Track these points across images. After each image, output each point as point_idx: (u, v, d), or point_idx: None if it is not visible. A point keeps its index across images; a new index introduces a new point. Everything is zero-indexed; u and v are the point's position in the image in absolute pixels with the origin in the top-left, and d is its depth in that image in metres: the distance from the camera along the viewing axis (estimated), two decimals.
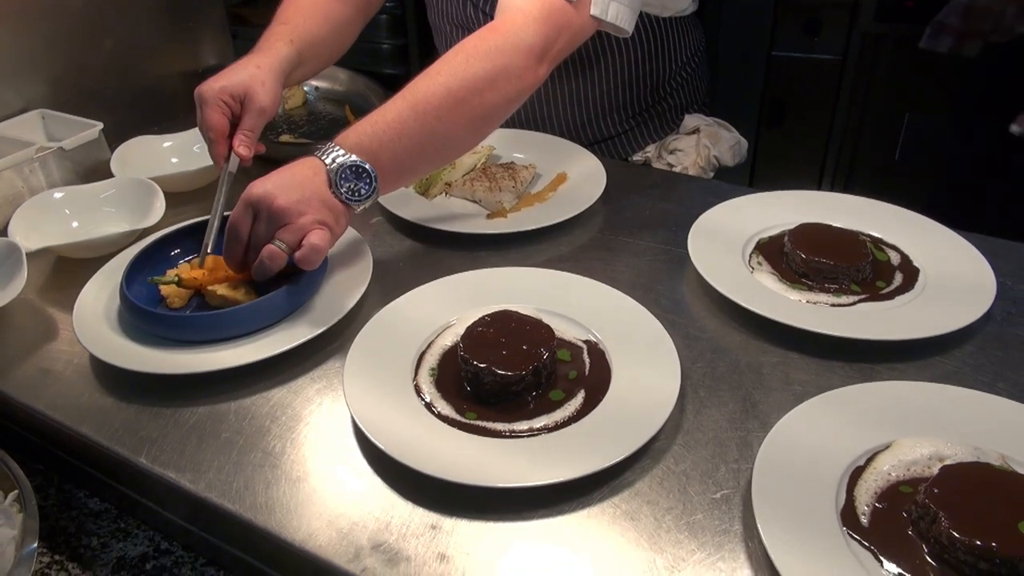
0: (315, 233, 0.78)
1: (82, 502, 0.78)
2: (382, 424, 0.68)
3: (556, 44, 0.90)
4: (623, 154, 1.25)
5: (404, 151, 0.83)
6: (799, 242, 0.86)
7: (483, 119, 0.88)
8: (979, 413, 0.67)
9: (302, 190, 0.79)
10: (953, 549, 0.55)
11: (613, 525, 0.61)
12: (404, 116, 0.83)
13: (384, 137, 0.82)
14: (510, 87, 0.87)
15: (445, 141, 0.87)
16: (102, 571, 0.71)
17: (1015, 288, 0.84)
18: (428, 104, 0.83)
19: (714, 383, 0.74)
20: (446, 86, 0.84)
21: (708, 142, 1.16)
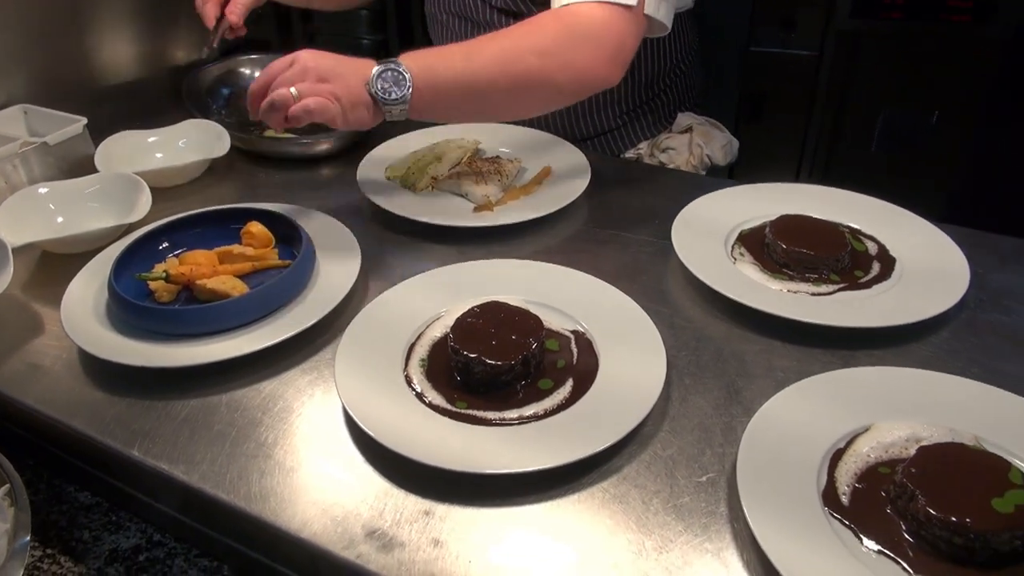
0: (317, 99, 0.86)
1: (73, 496, 0.78)
2: (374, 414, 0.69)
3: (627, 48, 0.95)
4: (616, 150, 1.26)
5: (443, 80, 0.91)
6: (780, 233, 0.88)
7: (526, 89, 0.93)
8: (954, 396, 0.69)
9: (339, 66, 0.89)
10: (929, 525, 0.57)
11: (602, 509, 0.63)
12: (457, 55, 0.91)
13: (434, 66, 0.90)
14: (567, 74, 0.93)
15: (481, 96, 0.93)
16: (94, 563, 0.71)
17: (988, 276, 0.86)
18: (481, 54, 0.91)
19: (699, 371, 0.76)
20: (500, 47, 0.91)
21: (701, 141, 1.18)
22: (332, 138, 1.17)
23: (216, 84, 1.34)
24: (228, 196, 1.10)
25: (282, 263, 0.90)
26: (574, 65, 0.93)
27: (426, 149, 1.10)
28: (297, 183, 1.13)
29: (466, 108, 0.98)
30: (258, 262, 0.89)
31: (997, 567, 0.55)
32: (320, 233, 0.92)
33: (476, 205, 1.00)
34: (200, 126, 1.16)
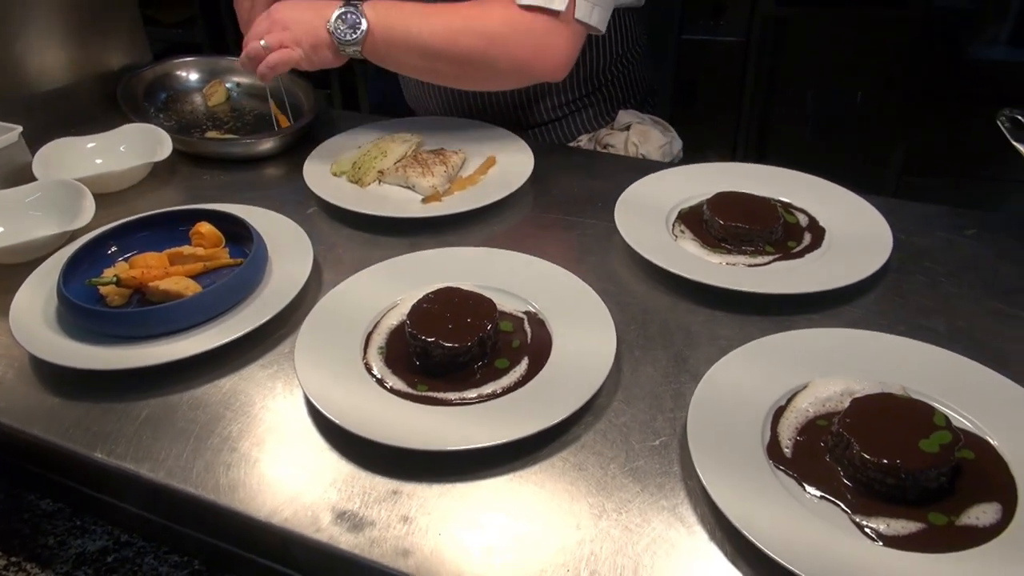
0: (279, 54, 1.02)
1: (34, 504, 0.78)
2: (337, 401, 0.70)
3: (563, 51, 1.04)
4: (557, 142, 1.29)
5: (396, 37, 1.02)
6: (717, 210, 0.92)
7: (470, 65, 1.03)
8: (882, 352, 0.74)
9: (304, 13, 1.03)
10: (865, 469, 0.61)
11: (563, 477, 0.66)
12: (413, 16, 1.02)
13: (391, 20, 1.02)
14: (508, 63, 1.03)
15: (428, 59, 1.03)
16: (62, 568, 0.72)
17: (908, 241, 0.92)
18: (435, 21, 1.01)
19: (647, 342, 0.80)
20: (451, 21, 1.01)
21: (637, 140, 1.21)
22: (274, 138, 1.17)
23: (152, 88, 1.33)
24: (172, 199, 1.09)
25: (234, 262, 0.91)
26: (515, 56, 1.02)
27: (371, 145, 1.11)
28: (241, 183, 1.13)
29: (415, 66, 1.07)
30: (209, 262, 0.89)
31: (926, 503, 0.60)
32: (270, 230, 0.93)
33: (424, 197, 1.02)
34: (139, 130, 1.15)
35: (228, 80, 1.37)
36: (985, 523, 0.59)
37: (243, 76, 1.36)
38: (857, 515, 0.60)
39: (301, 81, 1.28)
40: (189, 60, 1.37)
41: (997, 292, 0.85)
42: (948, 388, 0.69)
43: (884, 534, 0.58)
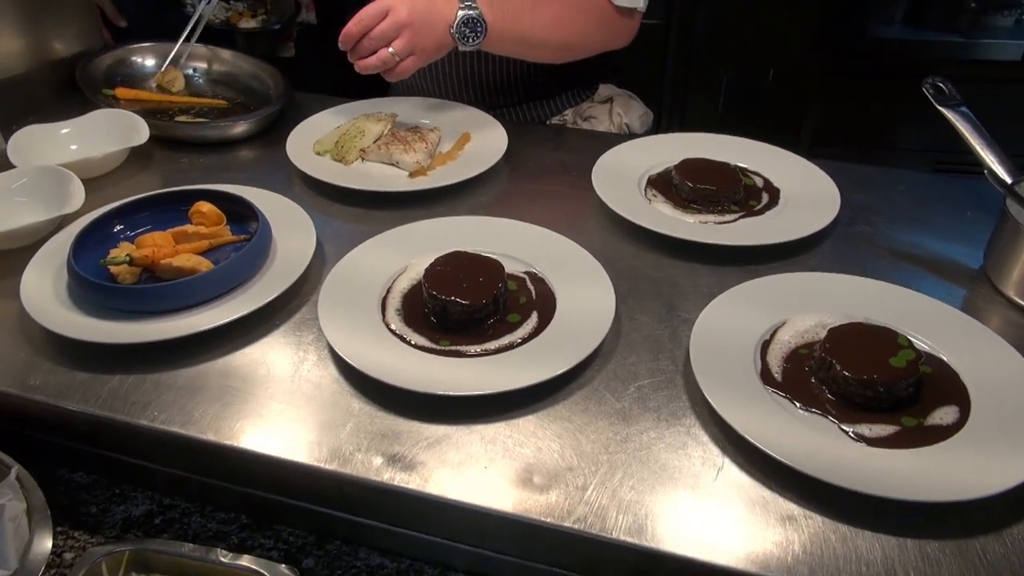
0: (411, 62, 1.06)
1: (67, 478, 0.80)
2: (369, 359, 0.76)
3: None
4: (541, 117, 1.35)
5: (511, 32, 1.11)
6: (685, 174, 1.01)
7: (563, 51, 1.19)
8: (844, 289, 0.85)
9: (430, 15, 1.05)
10: (846, 385, 0.71)
11: (585, 412, 0.74)
12: (524, 11, 1.11)
13: (506, 21, 1.09)
14: (592, 49, 1.20)
15: (536, 46, 1.16)
16: (111, 532, 0.75)
17: (852, 198, 1.04)
18: (542, 17, 1.12)
19: (638, 294, 0.88)
20: (557, 12, 1.12)
21: (620, 110, 1.30)
22: (248, 121, 1.19)
23: (110, 72, 1.32)
24: (154, 182, 1.11)
25: (237, 238, 0.94)
26: (603, 41, 1.21)
27: (349, 124, 1.15)
28: (221, 165, 1.15)
29: (517, 52, 1.18)
30: (214, 239, 0.92)
31: (899, 409, 0.71)
32: (266, 208, 0.96)
33: (411, 172, 1.07)
34: (113, 115, 1.15)
35: (187, 66, 1.37)
36: (947, 422, 0.70)
37: (201, 61, 1.37)
38: (843, 423, 0.70)
39: (269, 67, 1.30)
40: (146, 46, 1.36)
41: (928, 236, 0.98)
42: (903, 316, 0.81)
43: (867, 436, 0.69)
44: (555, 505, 0.65)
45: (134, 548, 0.68)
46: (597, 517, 0.64)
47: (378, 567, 0.72)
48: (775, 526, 0.63)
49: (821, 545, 0.62)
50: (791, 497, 0.65)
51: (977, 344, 0.78)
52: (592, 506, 0.65)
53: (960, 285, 0.90)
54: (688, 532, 0.63)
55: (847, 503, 0.64)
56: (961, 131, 0.94)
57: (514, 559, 0.69)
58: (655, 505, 0.65)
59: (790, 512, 0.64)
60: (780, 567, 0.60)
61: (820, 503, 0.64)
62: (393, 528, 0.71)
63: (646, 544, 0.63)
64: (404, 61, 1.05)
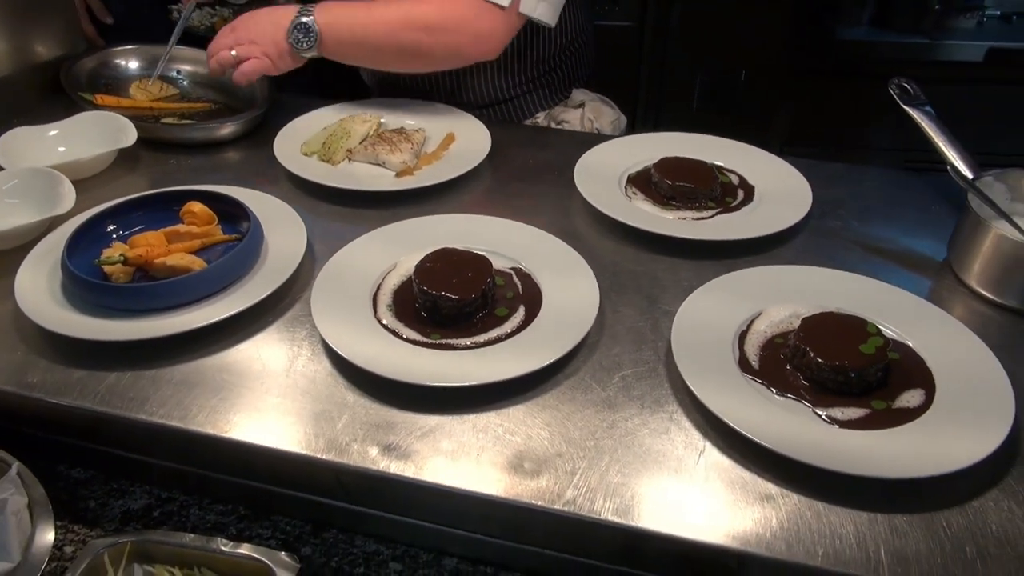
0: (251, 62, 1.16)
1: (65, 474, 0.81)
2: (363, 353, 0.78)
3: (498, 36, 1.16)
4: (515, 119, 1.38)
5: (345, 38, 1.15)
6: (664, 172, 1.05)
7: (410, 55, 1.16)
8: (817, 281, 0.89)
9: (266, 27, 1.16)
10: (819, 371, 0.75)
11: (573, 401, 0.77)
12: (358, 18, 1.14)
13: (339, 24, 1.14)
14: (446, 50, 1.15)
15: (374, 53, 1.18)
16: (110, 526, 0.76)
17: (823, 193, 1.08)
18: (377, 21, 1.13)
19: (620, 288, 0.91)
20: (394, 17, 1.13)
21: (592, 115, 1.33)
22: (235, 122, 1.21)
23: (94, 75, 1.33)
24: (142, 184, 1.12)
25: (228, 237, 0.96)
26: (451, 44, 1.15)
27: (335, 126, 1.18)
28: (208, 167, 1.17)
29: (364, 59, 1.23)
30: (206, 238, 0.94)
31: (869, 393, 0.75)
32: (258, 207, 0.98)
33: (397, 172, 1.10)
34: (100, 117, 1.16)
35: (171, 68, 1.38)
36: (914, 404, 0.74)
37: (187, 64, 1.38)
38: (817, 407, 0.74)
39: None
40: (129, 48, 1.37)
41: (895, 230, 1.02)
42: (872, 306, 0.85)
43: (839, 419, 0.73)
44: (545, 489, 0.68)
45: (135, 539, 0.70)
46: (586, 500, 0.67)
47: (374, 553, 0.74)
48: (754, 504, 0.67)
49: (798, 521, 0.65)
50: (769, 477, 0.69)
51: (941, 331, 0.82)
52: (581, 489, 0.68)
53: (925, 276, 0.94)
54: (672, 512, 0.66)
55: (821, 482, 0.67)
56: (925, 129, 0.98)
57: (506, 542, 0.72)
58: (640, 487, 0.68)
59: (768, 491, 0.68)
60: (759, 543, 0.64)
61: (796, 482, 0.68)
62: (389, 515, 0.74)
63: (633, 524, 0.66)
64: (246, 63, 1.16)
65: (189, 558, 0.70)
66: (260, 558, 0.68)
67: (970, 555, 0.63)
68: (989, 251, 0.89)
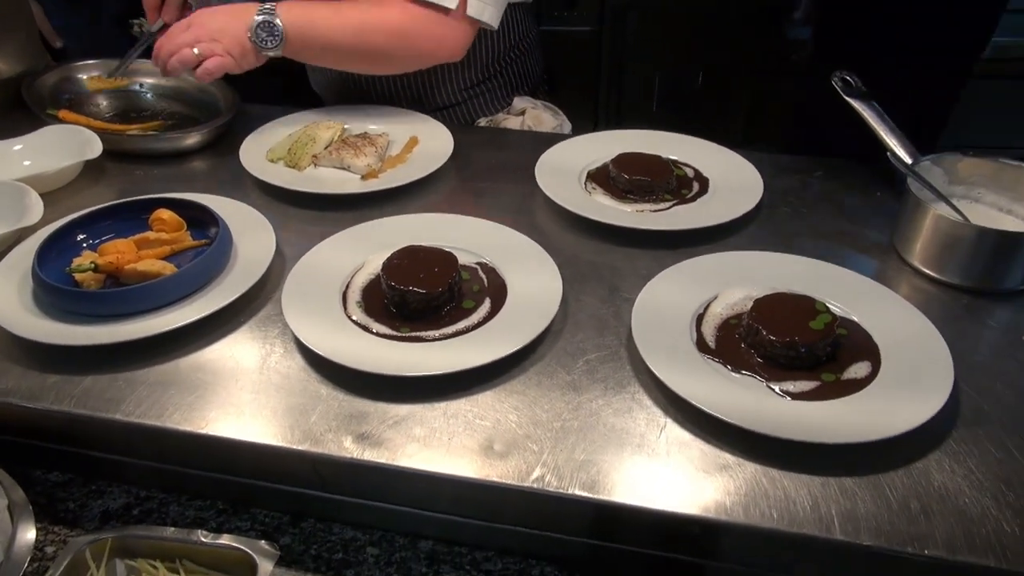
0: (215, 60, 1.13)
1: (42, 478, 0.82)
2: (335, 348, 0.80)
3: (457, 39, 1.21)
4: (461, 123, 1.40)
5: (311, 38, 1.15)
6: (622, 167, 1.09)
7: (374, 58, 1.20)
8: (769, 265, 0.93)
9: (227, 23, 1.13)
10: (772, 348, 0.79)
11: (539, 386, 0.80)
12: (324, 19, 1.15)
13: (304, 24, 1.14)
14: (408, 53, 1.20)
15: (341, 54, 1.20)
16: (90, 526, 0.78)
17: (773, 184, 1.12)
18: (343, 24, 1.15)
19: (582, 278, 0.95)
20: (360, 20, 1.15)
21: (531, 123, 1.36)
22: (200, 132, 1.22)
23: (56, 90, 1.33)
24: (109, 195, 1.13)
25: (198, 243, 0.98)
26: (415, 47, 1.19)
27: (300, 132, 1.20)
28: (175, 176, 1.18)
29: (329, 61, 1.25)
30: (175, 244, 0.96)
31: (818, 366, 0.79)
32: (226, 213, 0.99)
33: (363, 174, 1.12)
34: (64, 131, 1.17)
35: (135, 82, 1.39)
36: (861, 375, 0.78)
37: (150, 77, 1.39)
38: (771, 382, 0.78)
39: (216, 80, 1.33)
40: (91, 63, 1.38)
41: (843, 215, 1.07)
42: (821, 286, 0.89)
43: (791, 392, 0.77)
44: (515, 469, 0.71)
45: (116, 535, 0.72)
46: (554, 476, 0.70)
47: (351, 540, 0.77)
48: (713, 474, 0.70)
49: (754, 488, 0.69)
50: (726, 448, 0.72)
51: (886, 307, 0.86)
52: (549, 467, 0.71)
53: (872, 257, 0.99)
54: (637, 484, 0.70)
55: (776, 450, 0.71)
56: (866, 119, 1.03)
57: (480, 522, 0.75)
58: (606, 463, 0.71)
59: (726, 461, 0.71)
60: (719, 509, 0.67)
61: (752, 452, 0.72)
62: (364, 502, 0.76)
63: (599, 497, 0.69)
64: (209, 61, 1.13)
65: (170, 551, 0.71)
66: (240, 547, 0.70)
67: (915, 510, 0.67)
68: (929, 231, 0.94)
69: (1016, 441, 0.73)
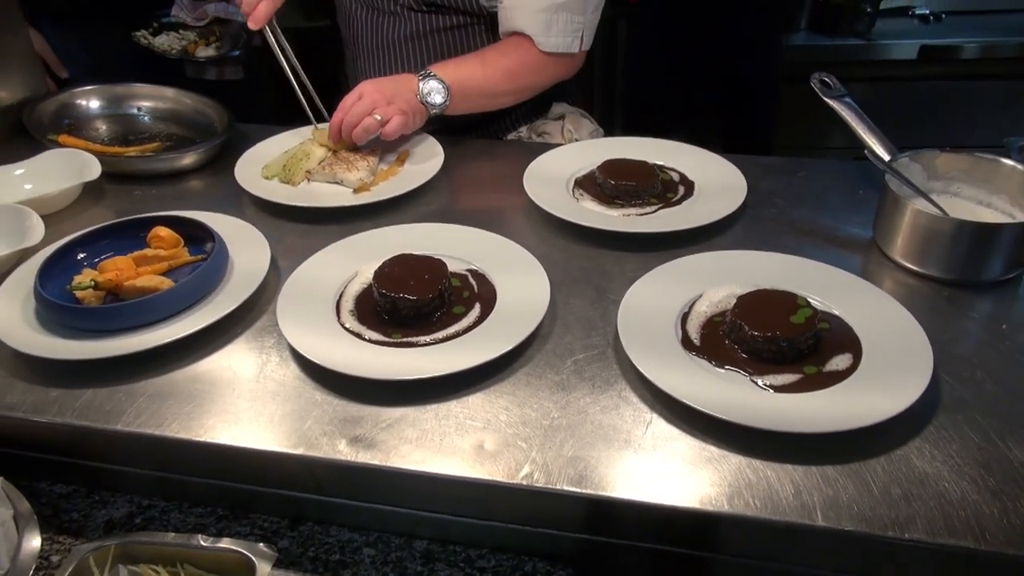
0: (398, 118, 1.16)
1: (47, 490, 0.84)
2: (329, 355, 0.83)
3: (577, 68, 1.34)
4: (498, 134, 1.43)
5: (469, 90, 1.24)
6: (608, 173, 1.11)
7: (520, 94, 1.33)
8: (752, 263, 0.95)
9: (397, 87, 1.20)
10: (755, 343, 0.81)
11: (528, 386, 0.81)
12: (476, 71, 1.26)
13: (463, 78, 1.23)
14: (546, 84, 1.35)
15: (494, 98, 1.30)
16: (94, 534, 0.79)
17: (758, 185, 1.14)
18: (494, 71, 1.27)
19: (571, 282, 0.97)
20: (507, 67, 1.27)
21: (571, 127, 1.39)
22: (196, 152, 1.25)
23: (57, 116, 1.36)
24: (109, 215, 1.16)
25: (195, 258, 1.00)
26: (553, 76, 1.33)
27: (296, 148, 1.23)
28: (173, 195, 1.21)
29: (482, 105, 1.31)
30: (173, 260, 0.98)
31: (801, 360, 0.81)
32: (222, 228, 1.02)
33: (355, 188, 1.15)
34: (64, 155, 1.20)
35: (131, 106, 1.42)
36: (842, 367, 0.80)
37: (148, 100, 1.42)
38: (755, 376, 0.80)
39: (211, 101, 1.37)
40: (89, 88, 1.42)
41: (826, 213, 1.09)
42: (803, 282, 0.91)
43: (774, 385, 0.78)
44: (505, 466, 0.73)
45: (120, 542, 0.74)
46: (543, 472, 0.72)
47: (348, 541, 0.78)
48: (699, 467, 0.72)
49: (739, 479, 0.71)
50: (711, 441, 0.74)
51: (867, 301, 0.88)
52: (539, 464, 0.73)
53: (854, 253, 1.01)
54: (624, 478, 0.71)
55: (760, 442, 0.73)
56: (845, 118, 1.05)
57: (473, 520, 0.76)
58: (594, 459, 0.73)
59: (711, 454, 0.73)
60: (705, 500, 0.69)
61: (736, 444, 0.73)
62: (360, 504, 0.78)
63: (588, 492, 0.70)
64: (391, 122, 1.16)
65: (172, 556, 0.73)
66: (240, 550, 0.72)
67: (895, 496, 0.68)
68: (909, 226, 0.96)
69: (995, 427, 0.75)
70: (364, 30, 1.38)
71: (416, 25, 1.33)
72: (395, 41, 1.35)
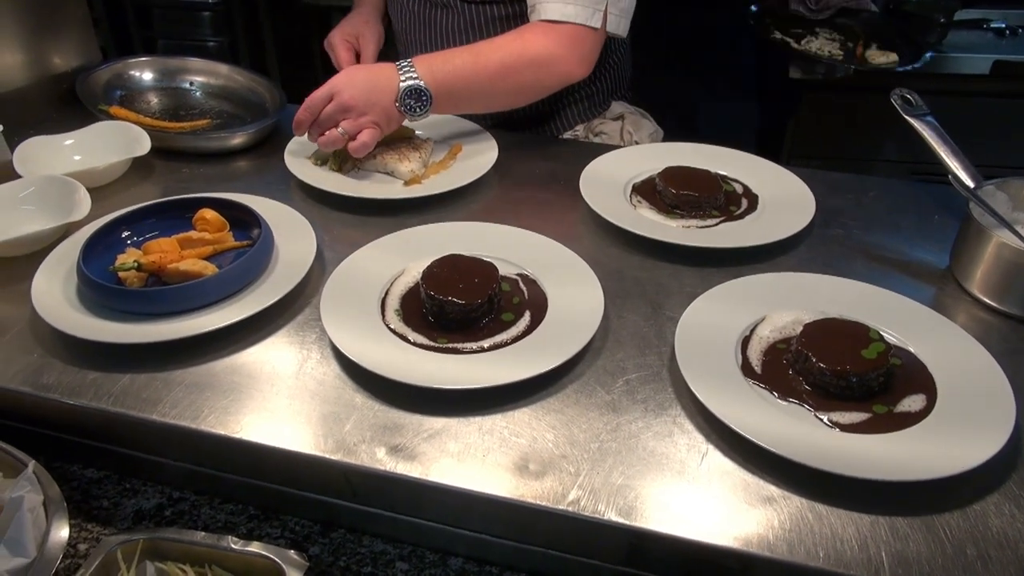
0: (367, 132, 1.08)
1: (78, 474, 0.83)
2: (372, 356, 0.79)
3: (594, 54, 1.17)
4: (555, 132, 1.39)
5: (458, 92, 1.12)
6: (669, 181, 1.06)
7: (521, 92, 1.18)
8: (820, 288, 0.90)
9: (371, 95, 1.08)
10: (821, 376, 0.76)
11: (577, 404, 0.78)
12: (467, 68, 1.11)
13: (448, 79, 1.11)
14: (554, 79, 1.17)
15: (488, 98, 1.18)
16: (123, 524, 0.78)
17: (826, 202, 1.09)
18: (486, 67, 1.11)
19: (625, 294, 0.93)
20: (501, 60, 1.12)
21: (631, 128, 1.34)
22: (247, 132, 1.23)
23: (109, 86, 1.35)
24: (155, 192, 1.14)
25: (240, 244, 0.98)
26: (560, 72, 1.16)
27: None
28: (221, 176, 1.19)
29: (477, 105, 1.21)
30: (218, 244, 0.96)
31: (870, 397, 0.76)
32: (268, 214, 0.99)
33: (406, 180, 1.12)
34: (114, 127, 1.18)
35: (184, 80, 1.40)
36: (915, 409, 0.75)
37: (200, 75, 1.41)
38: (819, 411, 0.75)
39: (264, 80, 1.34)
40: (144, 60, 1.40)
41: (898, 238, 1.03)
42: (874, 312, 0.85)
43: (840, 423, 0.73)
44: (550, 490, 0.69)
45: (148, 537, 0.71)
46: (590, 500, 0.68)
47: (381, 553, 0.75)
48: (756, 506, 0.68)
49: (799, 523, 0.66)
50: (771, 480, 0.70)
51: (943, 337, 0.83)
52: (585, 490, 0.69)
53: (928, 283, 0.95)
54: (675, 513, 0.67)
55: (823, 485, 0.68)
56: (927, 139, 0.99)
57: (511, 543, 0.73)
58: (644, 489, 0.69)
59: (770, 494, 0.69)
60: (762, 544, 0.65)
61: (798, 485, 0.69)
62: (396, 515, 0.75)
63: (636, 524, 0.67)
64: (360, 136, 1.08)
65: (200, 556, 0.71)
66: (270, 556, 0.69)
67: (971, 557, 0.63)
68: (991, 259, 0.90)
69: None
70: (416, 23, 1.33)
71: (469, 17, 1.26)
72: (448, 34, 1.29)
